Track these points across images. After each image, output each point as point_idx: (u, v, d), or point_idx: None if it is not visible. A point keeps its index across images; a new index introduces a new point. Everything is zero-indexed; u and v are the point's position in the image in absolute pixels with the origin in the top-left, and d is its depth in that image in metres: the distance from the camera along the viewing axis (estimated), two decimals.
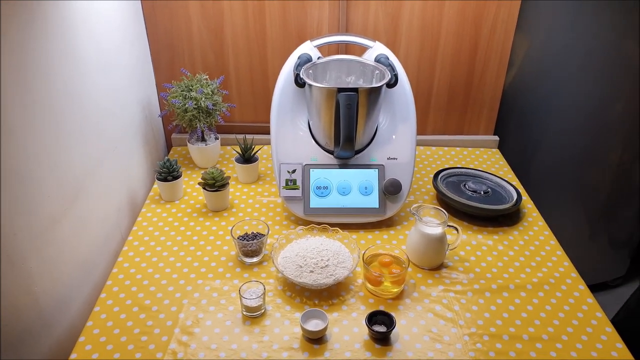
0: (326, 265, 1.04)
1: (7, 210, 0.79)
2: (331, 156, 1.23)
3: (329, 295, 1.03)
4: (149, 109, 1.46)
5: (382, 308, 1.00)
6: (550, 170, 1.70)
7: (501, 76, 1.54)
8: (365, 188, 1.21)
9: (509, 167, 1.52)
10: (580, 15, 1.47)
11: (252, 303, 0.96)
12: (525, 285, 1.07)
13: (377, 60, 1.22)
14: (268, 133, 1.27)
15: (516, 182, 1.44)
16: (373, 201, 1.21)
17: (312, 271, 1.03)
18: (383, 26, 1.45)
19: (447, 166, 1.49)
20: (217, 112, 1.40)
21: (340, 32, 1.45)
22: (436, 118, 1.61)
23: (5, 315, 0.80)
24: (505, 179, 1.38)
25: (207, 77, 1.41)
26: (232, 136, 1.54)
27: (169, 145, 1.63)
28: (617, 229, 1.85)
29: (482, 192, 1.31)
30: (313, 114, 1.20)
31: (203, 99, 1.35)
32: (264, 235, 1.12)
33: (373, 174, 1.22)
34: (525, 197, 1.36)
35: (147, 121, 1.44)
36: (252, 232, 1.14)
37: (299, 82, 1.17)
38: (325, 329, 0.92)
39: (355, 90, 1.09)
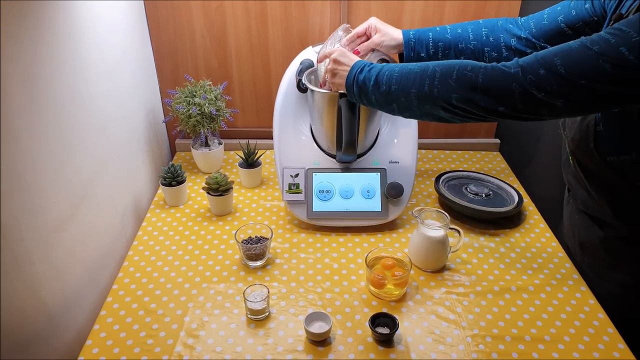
0: None
1: (14, 215, 0.80)
2: (333, 160, 1.24)
3: (332, 297, 1.04)
4: (153, 114, 1.47)
5: (385, 310, 1.01)
6: (551, 173, 1.70)
7: None
8: (368, 191, 1.22)
9: (510, 169, 1.53)
10: None
11: (257, 306, 0.97)
12: (527, 287, 1.07)
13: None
14: (271, 138, 1.28)
15: (517, 184, 1.44)
16: (375, 204, 1.22)
17: None
18: None
19: (448, 169, 1.49)
20: (221, 118, 1.41)
21: None
22: None
23: (13, 319, 0.81)
24: (507, 181, 1.39)
25: (211, 83, 1.42)
26: (236, 141, 1.55)
27: (172, 151, 1.65)
28: None
29: (483, 195, 1.31)
30: (315, 119, 1.21)
31: (206, 104, 1.36)
32: (268, 239, 1.13)
33: (375, 177, 1.23)
34: (526, 199, 1.37)
35: (151, 127, 1.45)
36: (256, 236, 1.15)
37: (301, 88, 1.18)
38: (329, 331, 0.93)
39: None
